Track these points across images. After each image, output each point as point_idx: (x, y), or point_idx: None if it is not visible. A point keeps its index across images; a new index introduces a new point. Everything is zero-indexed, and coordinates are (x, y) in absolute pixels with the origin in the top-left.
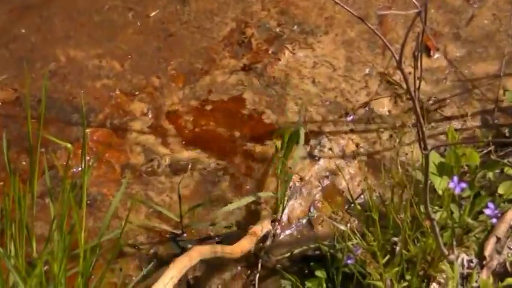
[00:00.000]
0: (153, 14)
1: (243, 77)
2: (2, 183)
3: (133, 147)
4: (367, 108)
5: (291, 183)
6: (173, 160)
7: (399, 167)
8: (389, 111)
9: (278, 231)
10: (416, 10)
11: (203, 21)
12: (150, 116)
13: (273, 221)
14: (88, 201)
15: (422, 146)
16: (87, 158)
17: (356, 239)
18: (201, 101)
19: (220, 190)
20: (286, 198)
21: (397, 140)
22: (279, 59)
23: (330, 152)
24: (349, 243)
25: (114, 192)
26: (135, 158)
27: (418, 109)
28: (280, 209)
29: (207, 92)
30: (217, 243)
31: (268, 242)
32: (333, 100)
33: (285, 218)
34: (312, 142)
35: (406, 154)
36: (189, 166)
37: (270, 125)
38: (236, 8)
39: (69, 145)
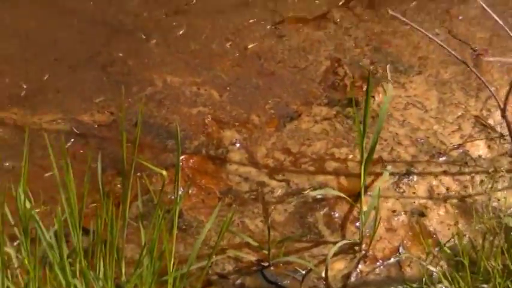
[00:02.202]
0: (250, 46)
1: (328, 127)
2: (95, 204)
3: (230, 175)
4: (460, 151)
5: (378, 221)
6: (267, 189)
7: (491, 213)
8: (483, 155)
9: (365, 268)
10: None
11: (298, 60)
12: (245, 148)
13: (358, 258)
14: (183, 227)
15: None
16: (182, 183)
17: (446, 283)
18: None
19: (312, 222)
20: (373, 236)
21: (490, 185)
22: (373, 97)
23: (420, 192)
24: (438, 287)
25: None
26: (235, 186)
27: None
28: (366, 246)
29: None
30: (304, 276)
31: (353, 279)
32: (425, 141)
33: (371, 255)
34: (401, 181)
35: (499, 200)
36: (285, 196)
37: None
38: (329, 45)
39: (164, 172)
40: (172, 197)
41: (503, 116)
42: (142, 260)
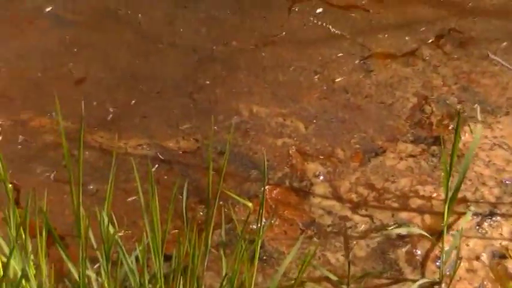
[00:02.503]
0: (338, 79)
1: (413, 164)
2: (176, 231)
3: (313, 208)
4: None
5: (459, 261)
6: (350, 224)
7: None
8: None
9: None
10: None
11: (385, 95)
12: (329, 181)
13: None
14: (264, 257)
15: None
16: (265, 214)
17: None
18: (370, 184)
19: (393, 258)
20: (453, 276)
21: None
22: (460, 137)
23: (503, 234)
24: None
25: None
26: (318, 219)
27: None
28: (445, 285)
29: (378, 172)
30: None
31: None
32: (510, 182)
33: None
34: (484, 222)
35: None
36: (368, 231)
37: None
38: (416, 82)
39: (250, 204)
40: (255, 227)
41: None
42: None
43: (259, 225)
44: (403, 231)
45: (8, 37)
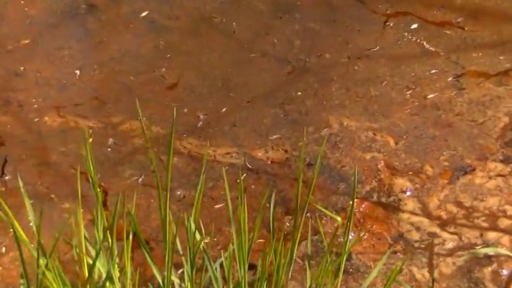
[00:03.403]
0: (430, 96)
1: (502, 183)
2: (262, 240)
3: (401, 223)
4: None
5: None
6: (438, 241)
7: None
8: None
9: None
10: None
11: (476, 114)
12: (417, 197)
13: None
14: (350, 270)
15: None
16: (353, 227)
17: None
18: (459, 202)
19: (479, 277)
20: None
21: None
22: None
23: None
24: None
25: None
26: (406, 234)
27: None
28: None
29: (467, 190)
30: None
31: None
32: None
33: None
34: None
35: None
36: (456, 248)
37: None
38: (509, 102)
39: (338, 218)
40: (341, 240)
41: None
42: None
43: (345, 238)
44: (490, 251)
45: (104, 40)
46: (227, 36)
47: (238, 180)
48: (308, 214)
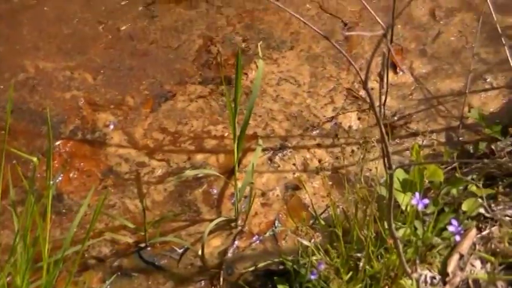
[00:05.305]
0: (123, 28)
1: (203, 105)
2: None
3: (109, 156)
4: (333, 123)
5: (253, 196)
6: (147, 169)
7: (363, 183)
8: (354, 126)
9: (241, 244)
10: (381, 32)
11: (170, 40)
12: (122, 129)
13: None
14: (63, 211)
15: (387, 164)
16: (61, 168)
17: (320, 254)
18: (163, 128)
19: (191, 199)
20: (248, 211)
21: (361, 156)
22: (246, 74)
23: (294, 166)
24: (313, 259)
25: (92, 202)
26: (115, 167)
27: (383, 129)
28: (242, 221)
29: (170, 116)
30: (181, 255)
31: (229, 255)
32: (298, 115)
33: (247, 230)
34: (275, 156)
35: (370, 170)
36: (165, 175)
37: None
38: (201, 24)
39: (35, 159)
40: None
41: (365, 88)
42: (16, 247)
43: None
44: (198, 172)
45: None
46: None
47: None
48: (14, 161)
